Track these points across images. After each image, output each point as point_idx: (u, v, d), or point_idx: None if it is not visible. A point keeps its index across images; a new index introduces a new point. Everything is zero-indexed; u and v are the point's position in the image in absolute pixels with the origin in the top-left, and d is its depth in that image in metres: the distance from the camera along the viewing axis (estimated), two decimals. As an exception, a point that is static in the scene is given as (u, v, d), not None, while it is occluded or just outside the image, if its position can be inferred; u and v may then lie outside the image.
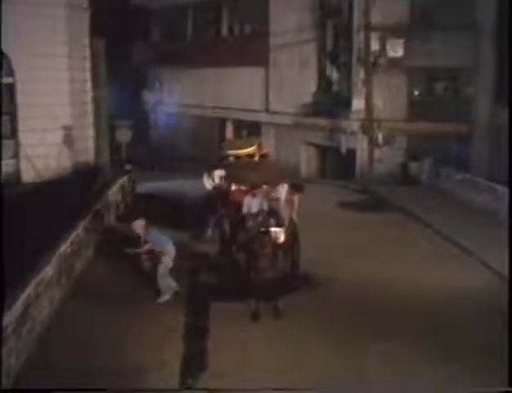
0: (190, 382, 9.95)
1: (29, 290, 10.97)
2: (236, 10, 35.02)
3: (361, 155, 27.53)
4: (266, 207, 13.84)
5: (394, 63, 26.62)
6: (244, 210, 14.10)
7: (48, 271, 12.25)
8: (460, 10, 25.25)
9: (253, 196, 14.21)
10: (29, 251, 12.51)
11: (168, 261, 13.58)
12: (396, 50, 26.59)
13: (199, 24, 37.43)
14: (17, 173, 23.44)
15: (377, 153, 26.89)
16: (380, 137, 26.66)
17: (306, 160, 30.53)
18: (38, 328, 11.32)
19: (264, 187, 14.47)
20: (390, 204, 22.52)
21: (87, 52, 25.44)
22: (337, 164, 29.60)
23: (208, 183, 16.91)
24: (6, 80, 23.30)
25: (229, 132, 35.45)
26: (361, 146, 27.38)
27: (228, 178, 15.34)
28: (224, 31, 35.89)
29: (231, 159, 16.49)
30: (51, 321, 11.93)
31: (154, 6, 40.18)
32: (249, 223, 13.56)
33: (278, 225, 13.18)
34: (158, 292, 13.42)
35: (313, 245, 14.90)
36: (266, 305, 12.52)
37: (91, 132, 25.64)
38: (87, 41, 25.35)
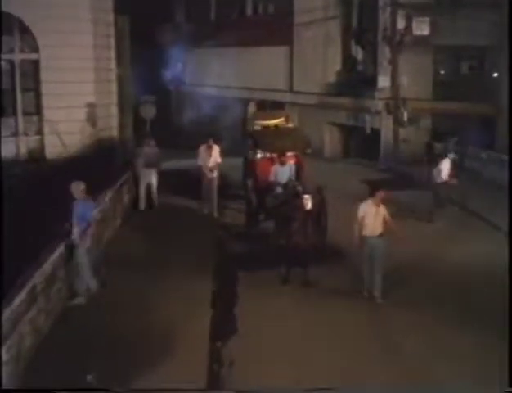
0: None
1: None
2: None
3: (386, 135, 27.29)
4: (293, 175, 13.76)
5: (420, 41, 26.29)
6: (272, 178, 14.02)
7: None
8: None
9: (282, 164, 14.11)
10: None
11: (87, 244, 11.37)
12: (422, 28, 26.23)
13: (224, 3, 37.34)
14: (41, 149, 23.52)
15: (402, 133, 26.60)
16: (405, 116, 26.36)
17: (329, 140, 30.31)
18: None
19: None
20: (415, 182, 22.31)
21: (112, 30, 25.43)
22: (361, 143, 29.38)
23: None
24: (32, 57, 23.39)
25: (252, 111, 35.24)
26: (386, 125, 27.13)
27: (255, 146, 15.21)
28: (248, 10, 35.78)
29: (258, 128, 16.30)
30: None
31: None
32: (278, 191, 13.48)
33: (305, 192, 13.07)
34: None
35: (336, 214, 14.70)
36: (295, 272, 12.40)
37: (114, 109, 25.63)
38: (111, 19, 25.35)
